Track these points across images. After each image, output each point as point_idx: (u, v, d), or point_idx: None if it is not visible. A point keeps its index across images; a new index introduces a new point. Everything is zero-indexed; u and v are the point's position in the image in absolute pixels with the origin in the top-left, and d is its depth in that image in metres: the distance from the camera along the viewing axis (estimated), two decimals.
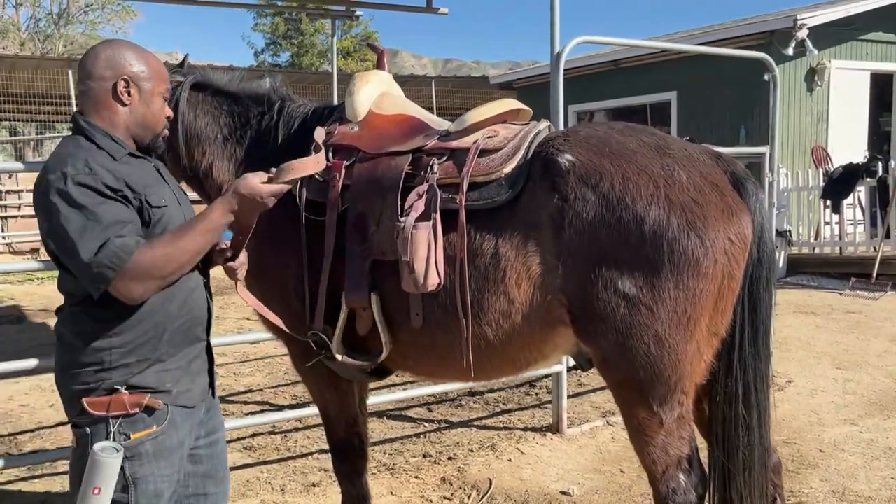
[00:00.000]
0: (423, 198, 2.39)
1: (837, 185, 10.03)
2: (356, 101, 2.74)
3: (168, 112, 2.13)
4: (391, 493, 3.79)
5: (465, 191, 2.38)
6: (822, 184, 10.28)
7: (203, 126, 2.83)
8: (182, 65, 3.03)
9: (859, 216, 10.50)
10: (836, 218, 10.34)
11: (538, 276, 2.33)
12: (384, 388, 4.94)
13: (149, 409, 1.95)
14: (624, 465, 4.03)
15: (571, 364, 4.56)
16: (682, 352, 2.25)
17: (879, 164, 9.89)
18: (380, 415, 4.89)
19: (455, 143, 2.52)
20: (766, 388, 2.44)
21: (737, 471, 2.40)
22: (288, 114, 2.87)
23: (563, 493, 3.75)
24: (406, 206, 2.39)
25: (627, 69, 13.46)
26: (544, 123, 2.64)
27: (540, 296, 2.35)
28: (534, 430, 4.63)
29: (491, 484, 3.85)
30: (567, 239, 2.27)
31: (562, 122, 4.29)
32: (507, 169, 2.40)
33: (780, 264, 9.72)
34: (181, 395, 2.03)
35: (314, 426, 4.66)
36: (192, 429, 2.11)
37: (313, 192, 2.59)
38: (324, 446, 4.29)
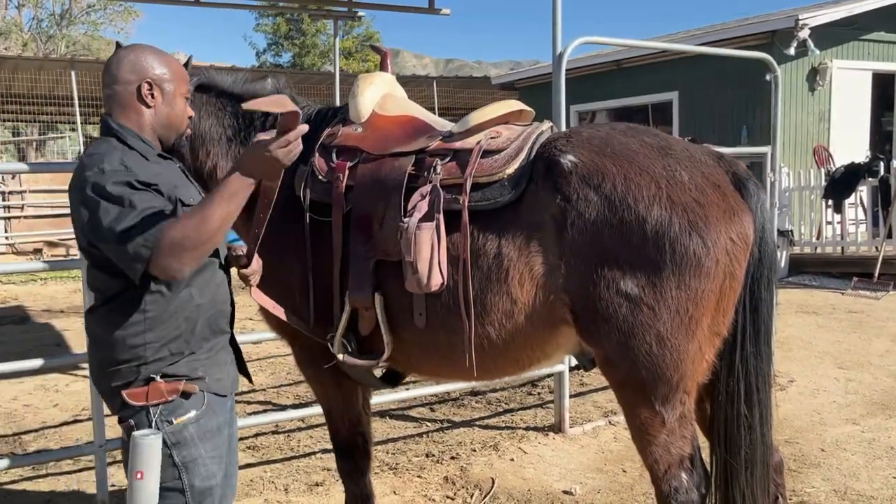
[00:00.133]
0: (427, 198, 2.41)
1: (839, 185, 10.02)
2: (359, 103, 2.75)
3: (190, 112, 2.20)
4: (394, 492, 3.80)
5: (468, 191, 2.40)
6: (823, 183, 10.27)
7: (207, 127, 2.84)
8: (186, 66, 3.04)
9: (861, 216, 10.49)
10: (837, 218, 10.33)
11: (541, 276, 2.34)
12: (379, 389, 4.94)
13: (185, 395, 2.03)
14: (626, 465, 4.04)
15: (573, 364, 4.57)
16: (684, 351, 2.26)
17: (881, 163, 9.87)
18: (382, 414, 4.90)
19: (458, 144, 2.53)
20: (767, 387, 2.45)
21: (739, 470, 2.41)
22: None
23: (565, 492, 3.77)
24: (409, 207, 2.41)
25: (629, 69, 13.46)
26: (547, 124, 2.65)
27: (542, 296, 2.36)
28: (536, 429, 4.64)
29: (493, 483, 3.86)
30: (569, 239, 2.28)
31: (563, 122, 4.30)
32: (510, 170, 2.41)
33: (782, 264, 9.72)
34: (213, 382, 2.11)
35: (317, 426, 4.67)
36: (226, 418, 2.18)
37: (317, 193, 2.61)
38: (327, 446, 4.30)
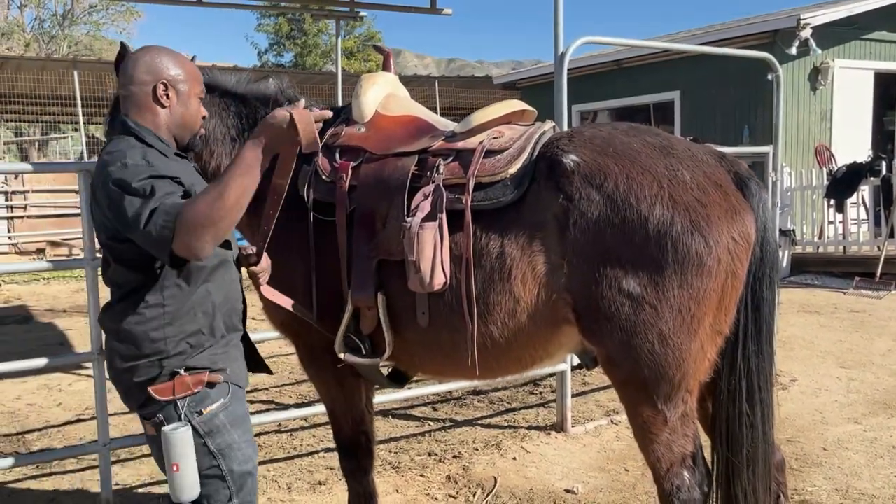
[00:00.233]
0: (430, 198, 2.42)
1: (841, 185, 10.02)
2: (362, 103, 2.76)
3: (204, 112, 2.24)
4: (397, 490, 3.81)
5: (470, 191, 2.40)
6: (825, 183, 10.27)
7: (211, 127, 2.85)
8: None
9: (863, 215, 10.48)
10: (839, 217, 10.32)
11: (543, 275, 2.35)
12: (388, 388, 4.95)
13: (210, 385, 2.07)
14: (628, 464, 4.05)
15: (576, 363, 4.59)
16: (686, 350, 2.26)
17: (883, 163, 9.86)
18: (385, 414, 4.92)
19: (461, 144, 2.54)
20: (769, 385, 2.46)
21: (741, 468, 2.42)
22: None
23: (567, 491, 3.78)
24: (412, 207, 2.42)
25: (631, 69, 13.47)
26: (549, 124, 2.65)
27: (545, 295, 2.36)
28: (538, 428, 4.65)
29: (496, 482, 3.87)
30: (572, 238, 2.29)
31: (565, 122, 4.30)
32: (513, 169, 2.42)
33: (784, 263, 9.72)
34: (233, 374, 2.16)
35: (320, 425, 4.69)
36: (246, 408, 2.21)
37: (321, 193, 2.62)
38: (329, 445, 4.32)
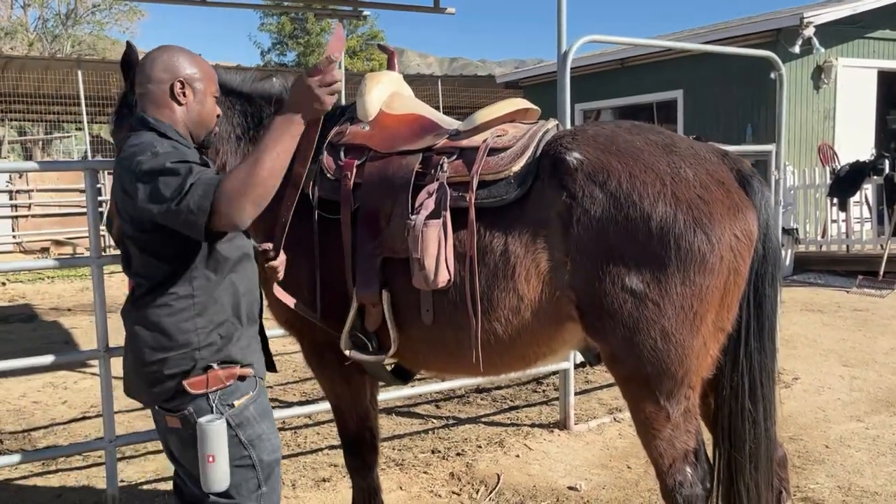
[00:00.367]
0: (434, 196, 2.43)
1: (844, 183, 10.01)
2: (367, 102, 2.78)
3: (218, 110, 2.27)
4: (400, 487, 3.83)
5: (474, 189, 2.42)
6: (828, 182, 10.26)
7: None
8: None
9: (866, 214, 10.47)
10: (842, 216, 10.31)
11: (547, 272, 2.37)
12: (392, 385, 4.98)
13: (241, 378, 2.12)
14: (631, 461, 4.07)
15: (579, 361, 4.60)
16: (689, 346, 2.28)
17: (886, 161, 9.85)
18: (388, 411, 4.93)
19: (464, 142, 2.55)
20: (771, 382, 2.47)
21: (743, 464, 2.43)
22: None
23: (570, 488, 3.79)
24: (416, 205, 2.43)
25: (634, 68, 13.48)
26: (552, 122, 2.67)
27: (548, 292, 2.38)
28: (541, 426, 4.66)
29: (499, 479, 3.89)
30: (575, 236, 2.30)
31: (568, 121, 4.31)
32: (516, 167, 2.44)
33: (787, 262, 9.71)
34: (258, 367, 2.21)
35: (324, 422, 4.71)
36: (268, 401, 2.25)
37: (326, 191, 2.64)
38: (333, 442, 4.34)
